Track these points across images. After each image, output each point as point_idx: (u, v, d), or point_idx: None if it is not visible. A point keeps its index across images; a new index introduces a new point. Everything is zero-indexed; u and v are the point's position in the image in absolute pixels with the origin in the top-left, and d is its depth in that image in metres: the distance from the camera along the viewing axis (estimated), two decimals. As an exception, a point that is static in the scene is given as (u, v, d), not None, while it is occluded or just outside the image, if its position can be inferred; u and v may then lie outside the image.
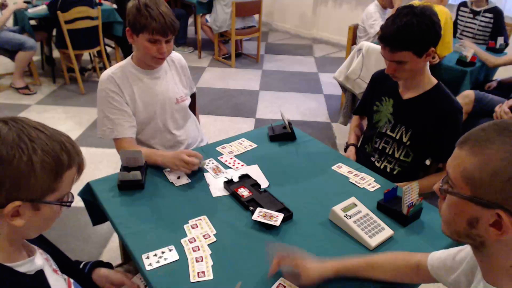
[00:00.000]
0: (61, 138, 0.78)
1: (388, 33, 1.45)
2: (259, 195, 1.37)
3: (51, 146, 0.75)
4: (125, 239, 1.17)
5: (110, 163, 2.85)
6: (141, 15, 1.46)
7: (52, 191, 0.76)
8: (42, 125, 0.78)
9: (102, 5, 3.94)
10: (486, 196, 0.64)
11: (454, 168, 0.69)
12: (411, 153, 1.66)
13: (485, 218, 0.65)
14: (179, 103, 1.75)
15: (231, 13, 4.49)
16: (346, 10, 5.83)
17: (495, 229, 0.64)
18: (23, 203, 0.73)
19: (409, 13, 1.42)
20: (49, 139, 0.75)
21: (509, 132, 0.64)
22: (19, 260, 0.80)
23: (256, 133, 1.83)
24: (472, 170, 0.65)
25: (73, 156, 0.79)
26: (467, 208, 0.67)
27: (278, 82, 4.52)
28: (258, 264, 1.10)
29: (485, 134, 0.66)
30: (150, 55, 1.54)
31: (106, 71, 1.60)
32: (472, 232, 0.68)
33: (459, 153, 0.69)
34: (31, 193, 0.73)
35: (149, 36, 1.48)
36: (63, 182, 0.77)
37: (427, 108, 1.57)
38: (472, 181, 0.66)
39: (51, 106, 3.70)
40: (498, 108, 2.37)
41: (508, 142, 0.63)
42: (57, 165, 0.75)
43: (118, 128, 1.59)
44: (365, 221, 1.22)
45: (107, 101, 1.58)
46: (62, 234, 2.17)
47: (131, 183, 1.38)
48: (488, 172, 0.63)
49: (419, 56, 1.46)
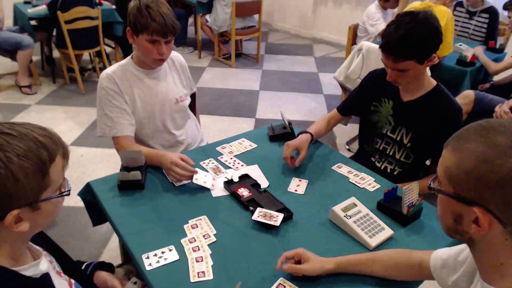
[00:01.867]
0: (33, 133, 0.73)
1: (391, 43, 1.42)
2: (259, 195, 1.37)
3: (25, 147, 0.70)
4: (125, 239, 1.17)
5: (110, 163, 2.85)
6: (142, 16, 1.46)
7: (45, 188, 0.74)
8: (8, 126, 0.72)
9: (102, 5, 3.94)
10: (464, 193, 0.67)
11: (439, 165, 0.72)
12: (411, 154, 1.66)
13: (467, 215, 0.68)
14: (178, 103, 1.74)
15: (231, 13, 4.49)
16: (346, 10, 5.83)
17: (476, 226, 0.66)
18: (21, 209, 0.72)
19: (411, 21, 1.39)
20: (20, 140, 0.70)
21: (487, 132, 0.65)
22: (24, 264, 0.79)
23: (256, 133, 1.83)
24: (451, 168, 0.68)
25: (52, 147, 0.75)
26: (451, 205, 0.70)
27: (278, 82, 4.52)
28: (258, 264, 1.10)
29: (467, 133, 0.68)
30: (150, 56, 1.54)
31: (106, 70, 1.60)
32: (459, 228, 0.71)
33: (444, 151, 0.72)
34: (24, 199, 0.72)
35: (149, 36, 1.48)
36: (52, 175, 0.75)
37: (427, 110, 1.57)
38: (452, 179, 0.68)
39: (51, 106, 3.70)
40: (498, 108, 2.37)
41: (483, 141, 0.64)
42: (39, 164, 0.71)
43: (117, 126, 1.59)
44: (365, 221, 1.22)
45: (107, 100, 1.58)
46: (62, 234, 2.17)
47: (131, 183, 1.38)
48: (463, 170, 0.66)
49: (421, 63, 1.45)
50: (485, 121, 0.68)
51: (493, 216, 0.64)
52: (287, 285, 1.03)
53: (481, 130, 0.66)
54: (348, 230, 1.22)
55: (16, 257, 0.79)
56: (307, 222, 1.27)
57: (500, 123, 0.66)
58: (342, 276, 1.07)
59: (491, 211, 0.64)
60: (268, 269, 1.07)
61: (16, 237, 0.76)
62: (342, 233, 1.23)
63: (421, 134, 1.59)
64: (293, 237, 1.21)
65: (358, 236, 1.19)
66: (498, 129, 0.65)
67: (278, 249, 1.16)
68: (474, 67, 2.96)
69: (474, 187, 0.65)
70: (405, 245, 1.19)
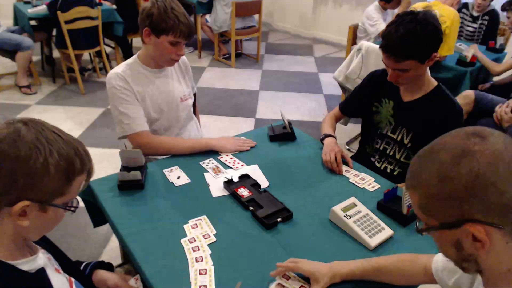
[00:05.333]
0: (76, 144, 0.81)
1: (392, 43, 1.42)
2: (259, 195, 1.37)
3: (66, 150, 0.77)
4: (125, 239, 1.17)
5: (110, 163, 2.84)
6: (168, 17, 1.46)
7: (61, 195, 0.78)
8: (59, 130, 0.80)
9: (102, 5, 3.94)
10: (447, 218, 0.66)
11: (414, 207, 0.73)
12: (412, 155, 1.65)
13: (463, 237, 0.66)
14: (183, 102, 1.76)
15: (231, 13, 4.49)
16: (346, 10, 5.83)
17: (478, 242, 0.65)
18: (32, 203, 0.74)
19: (412, 20, 1.39)
20: (65, 143, 0.77)
21: (429, 155, 0.68)
22: (21, 258, 0.81)
23: (256, 133, 1.83)
24: (423, 203, 0.69)
25: (85, 162, 0.81)
26: (445, 236, 0.69)
27: (278, 82, 4.52)
28: (258, 264, 1.10)
29: (414, 169, 0.70)
30: (168, 56, 1.54)
31: (114, 69, 1.59)
32: (464, 254, 0.69)
33: (409, 193, 0.73)
34: (42, 194, 0.75)
35: (173, 38, 1.48)
36: (73, 186, 0.79)
37: (428, 110, 1.56)
38: (430, 212, 0.69)
39: (51, 106, 3.70)
40: (498, 108, 2.37)
41: (430, 165, 0.67)
42: (70, 169, 0.77)
43: (137, 121, 1.58)
44: (365, 221, 1.22)
45: (119, 97, 1.56)
46: (62, 234, 2.17)
47: (131, 183, 1.38)
48: (432, 198, 0.67)
49: (422, 63, 1.45)
50: (422, 150, 0.71)
51: (484, 224, 0.63)
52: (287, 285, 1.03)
53: (424, 157, 0.69)
54: (348, 230, 1.22)
55: (14, 251, 0.80)
56: (307, 222, 1.27)
57: (431, 147, 0.69)
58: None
59: (480, 221, 0.63)
60: (268, 269, 1.06)
61: (15, 229, 0.78)
62: (342, 233, 1.23)
63: (422, 134, 1.59)
64: (293, 237, 1.21)
65: (358, 236, 1.19)
66: (435, 150, 0.67)
67: (278, 249, 1.16)
68: (474, 67, 2.96)
69: (451, 207, 0.64)
70: (405, 245, 1.19)
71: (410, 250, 1.13)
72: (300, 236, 1.22)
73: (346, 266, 1.05)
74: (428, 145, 0.70)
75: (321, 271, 1.02)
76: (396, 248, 1.17)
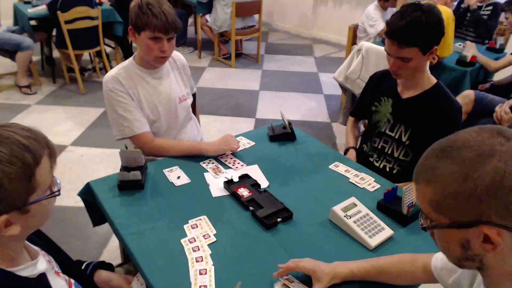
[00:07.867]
0: (16, 136, 0.71)
1: (397, 28, 1.44)
2: (259, 195, 1.37)
3: (8, 152, 0.68)
4: (125, 239, 1.17)
5: (110, 163, 2.84)
6: (143, 13, 1.46)
7: (33, 191, 0.73)
8: None
9: (102, 5, 3.94)
10: (461, 218, 0.64)
11: (421, 203, 0.70)
12: (410, 152, 1.66)
13: (474, 238, 0.65)
14: (181, 102, 1.75)
15: (231, 13, 4.49)
16: (346, 10, 5.83)
17: (488, 244, 0.64)
18: (9, 214, 0.71)
19: (417, 9, 1.42)
20: (2, 145, 0.69)
21: (449, 152, 0.65)
22: (21, 264, 0.79)
23: (256, 133, 1.83)
24: (436, 200, 0.66)
25: (37, 149, 0.73)
26: (453, 234, 0.67)
27: (278, 82, 4.52)
28: (258, 264, 1.10)
29: (429, 163, 0.67)
30: (152, 53, 1.53)
31: (109, 72, 1.59)
32: (469, 254, 0.67)
33: (418, 188, 0.70)
34: (12, 203, 0.70)
35: (151, 33, 1.48)
36: (39, 178, 0.73)
37: (426, 107, 1.57)
38: (442, 209, 0.66)
39: (51, 106, 3.70)
40: (498, 108, 2.37)
41: (451, 162, 0.63)
42: (23, 168, 0.70)
43: (136, 124, 1.58)
44: (365, 221, 1.22)
45: (117, 100, 1.56)
46: (62, 234, 2.17)
47: (131, 183, 1.38)
48: (449, 196, 0.63)
49: (424, 54, 1.46)
50: (436, 144, 0.68)
51: (499, 227, 0.61)
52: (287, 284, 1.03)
53: (441, 153, 0.65)
54: (348, 230, 1.22)
55: (11, 258, 0.79)
56: (307, 222, 1.27)
57: (450, 142, 0.66)
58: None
59: (496, 223, 0.61)
60: (268, 269, 1.07)
61: (8, 240, 0.76)
62: (342, 233, 1.23)
63: (420, 131, 1.59)
64: (293, 237, 1.21)
65: (358, 236, 1.19)
66: (455, 146, 0.64)
67: (278, 249, 1.16)
68: (474, 67, 2.96)
69: (467, 207, 0.62)
70: (405, 245, 1.19)
71: (410, 250, 1.13)
72: (300, 236, 1.22)
73: (347, 266, 1.05)
74: (445, 141, 0.67)
75: (323, 270, 1.02)
76: (396, 248, 1.17)
